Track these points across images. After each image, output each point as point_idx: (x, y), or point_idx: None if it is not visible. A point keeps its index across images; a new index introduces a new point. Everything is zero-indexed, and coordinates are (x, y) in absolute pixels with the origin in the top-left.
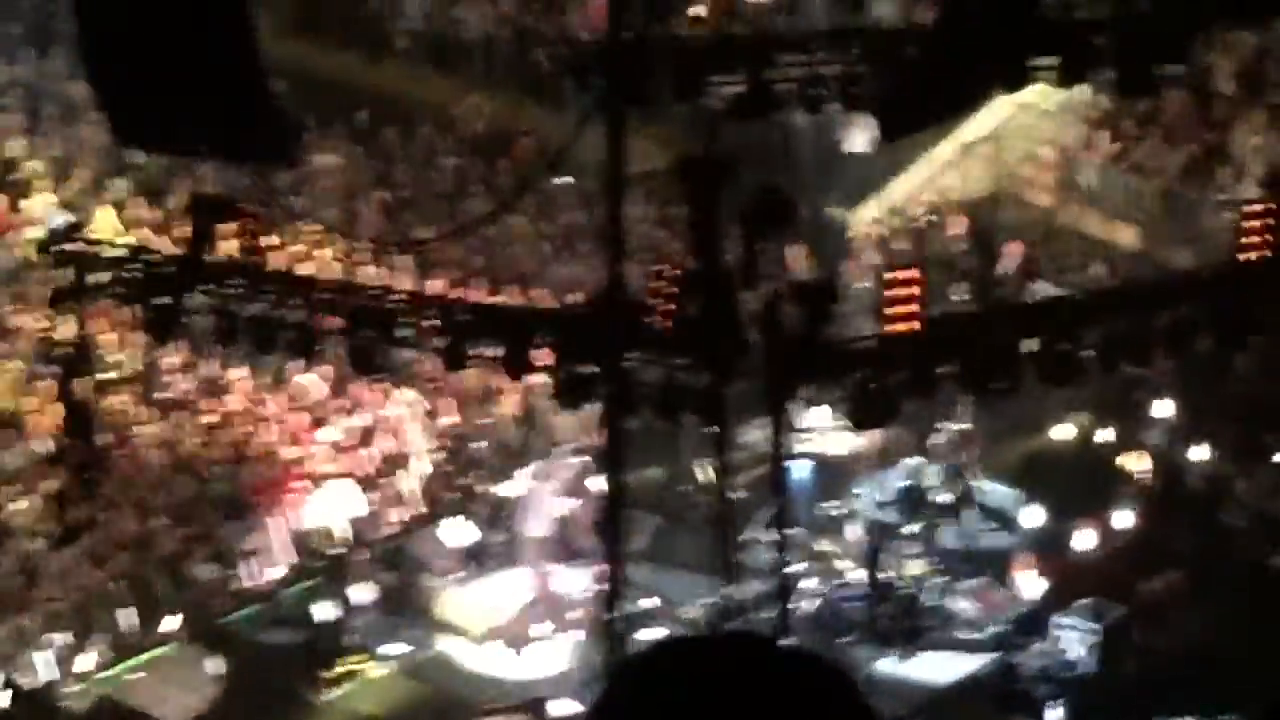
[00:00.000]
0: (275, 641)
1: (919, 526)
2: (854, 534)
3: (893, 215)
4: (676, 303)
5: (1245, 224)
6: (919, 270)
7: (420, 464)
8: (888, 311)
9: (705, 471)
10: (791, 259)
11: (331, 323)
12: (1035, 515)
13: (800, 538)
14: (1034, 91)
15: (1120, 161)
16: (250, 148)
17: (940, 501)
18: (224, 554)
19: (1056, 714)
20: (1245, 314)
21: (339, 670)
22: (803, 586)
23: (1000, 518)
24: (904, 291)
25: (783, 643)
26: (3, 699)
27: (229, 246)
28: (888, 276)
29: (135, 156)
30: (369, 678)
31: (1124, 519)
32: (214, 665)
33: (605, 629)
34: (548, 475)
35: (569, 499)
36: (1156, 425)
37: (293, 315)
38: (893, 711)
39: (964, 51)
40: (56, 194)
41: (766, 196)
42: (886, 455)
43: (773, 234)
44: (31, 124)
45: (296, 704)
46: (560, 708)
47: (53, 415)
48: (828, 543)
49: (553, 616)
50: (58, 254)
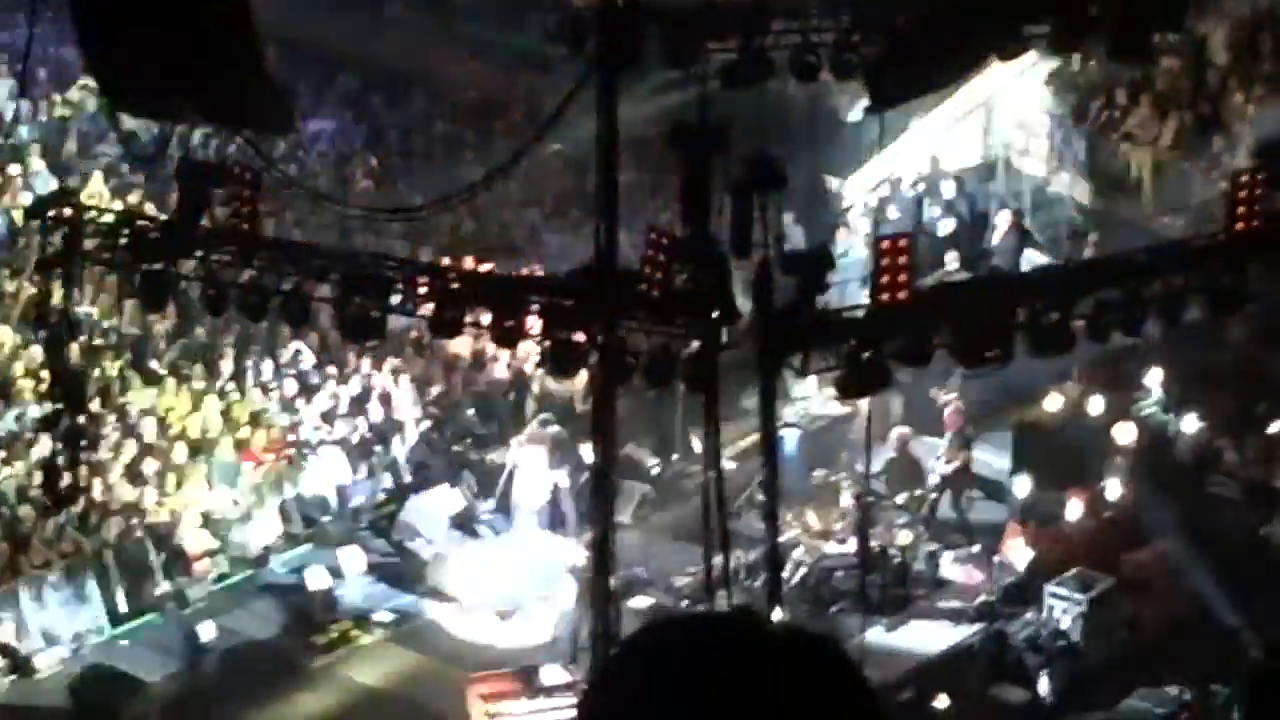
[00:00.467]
0: (267, 607)
1: (909, 496)
2: (845, 503)
3: (885, 184)
4: (667, 271)
5: (1236, 193)
6: (910, 239)
7: (411, 432)
8: (879, 281)
9: (695, 440)
10: (784, 227)
11: (322, 290)
12: (1025, 485)
13: (791, 507)
14: (1027, 59)
15: (1112, 130)
16: (241, 114)
17: (931, 471)
18: (215, 521)
19: (1045, 682)
20: (1236, 284)
21: (330, 636)
22: (793, 556)
23: (991, 487)
24: (895, 260)
25: (774, 616)
26: None
27: (220, 213)
28: (879, 245)
29: (126, 122)
30: (360, 644)
31: (1113, 489)
32: (205, 631)
33: (595, 597)
34: (538, 443)
35: (559, 467)
36: (1147, 395)
37: (284, 282)
38: (883, 680)
39: (956, 19)
40: (46, 159)
41: (758, 164)
42: (878, 425)
43: (764, 202)
44: (22, 88)
45: (288, 670)
46: (550, 675)
47: (42, 382)
48: (818, 512)
49: (542, 584)
50: (47, 220)
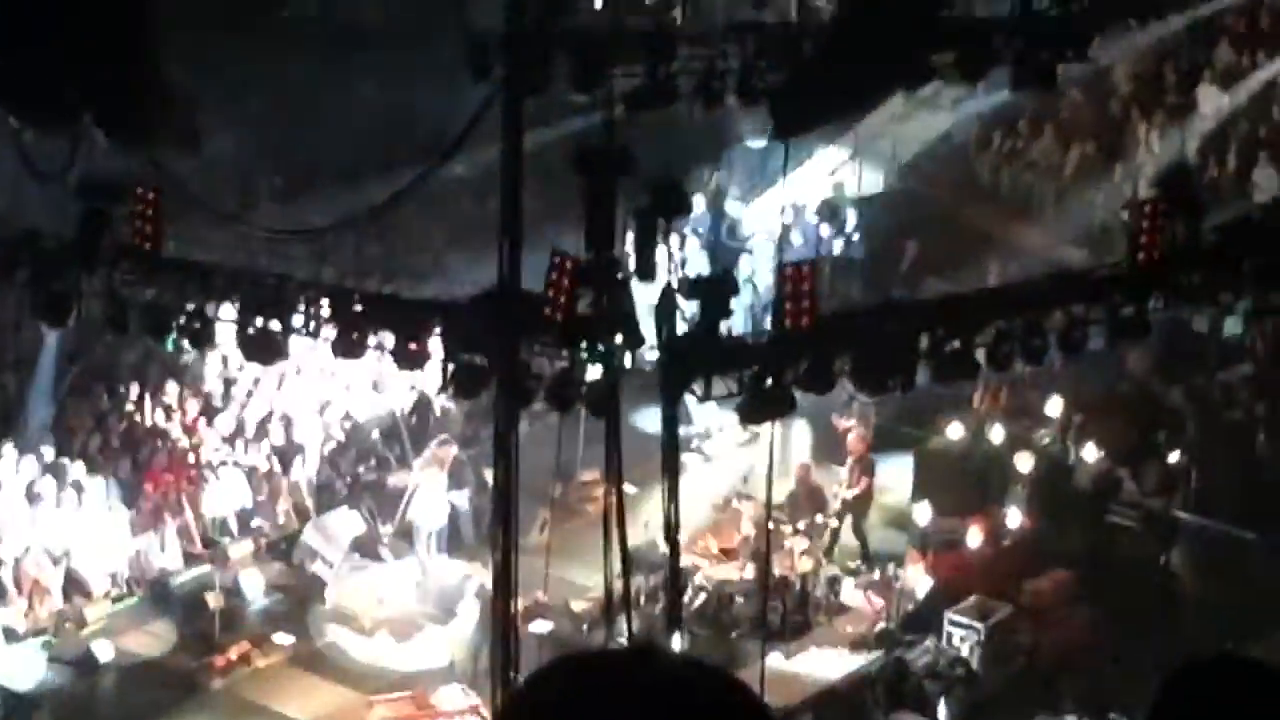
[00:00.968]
0: (166, 628)
1: (809, 523)
2: (746, 529)
3: (789, 210)
4: (570, 295)
5: (1138, 223)
6: (814, 266)
7: (312, 454)
8: (782, 307)
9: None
10: (687, 252)
11: (225, 310)
12: (925, 512)
13: (691, 531)
14: (931, 88)
15: (1016, 159)
16: (145, 131)
17: (835, 496)
18: (113, 542)
19: (944, 710)
20: (1137, 314)
21: (229, 657)
22: (694, 581)
23: (892, 514)
24: (799, 287)
25: (674, 641)
26: None
27: (123, 231)
28: (783, 272)
29: (25, 136)
30: (259, 666)
31: (1013, 517)
32: (102, 651)
33: (494, 621)
34: (437, 465)
35: (457, 489)
36: (1046, 424)
37: (186, 302)
38: (783, 706)
39: (862, 48)
40: None
41: (663, 189)
42: (781, 451)
43: (669, 227)
44: None
45: (186, 691)
46: (448, 698)
47: None
48: (718, 537)
49: (441, 607)
50: None
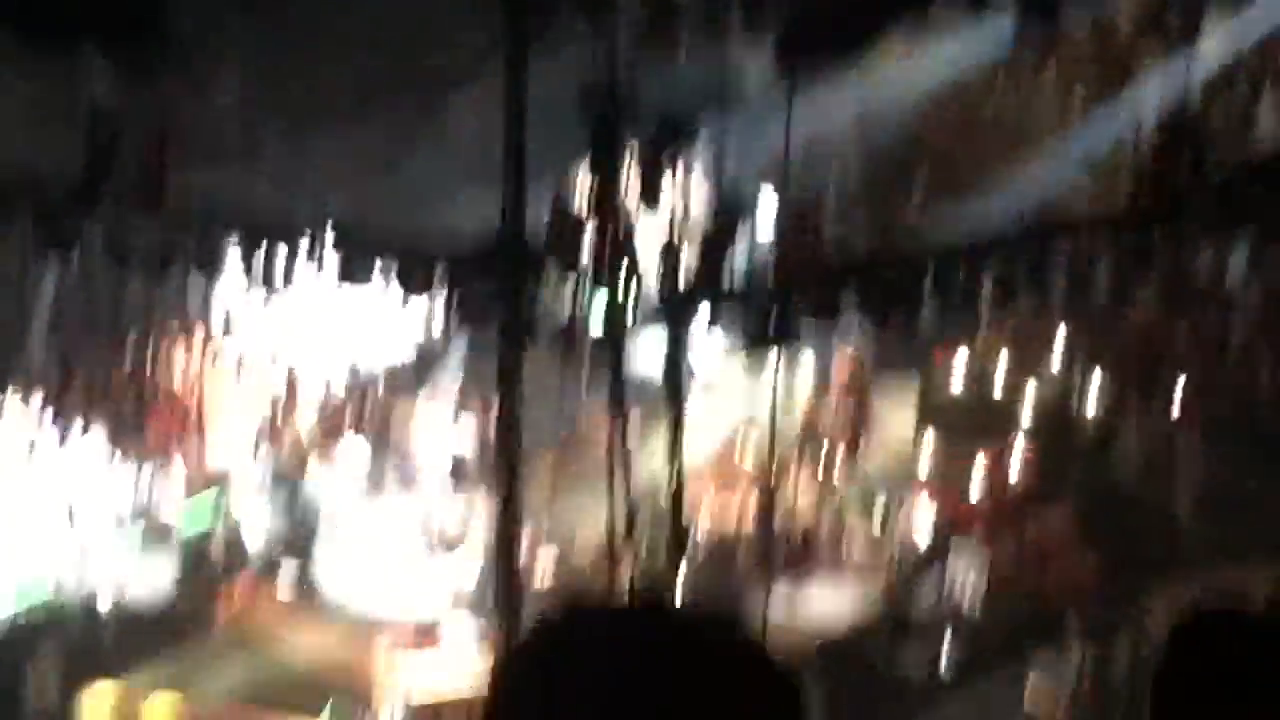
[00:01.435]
0: (167, 567)
1: (814, 456)
2: (750, 462)
3: (795, 150)
4: (574, 230)
5: (1144, 159)
6: (820, 200)
7: (317, 389)
8: (789, 239)
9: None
10: (692, 188)
11: (231, 244)
12: (929, 445)
13: (696, 465)
14: (936, 24)
15: (1020, 95)
16: (149, 62)
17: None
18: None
19: (949, 645)
20: (1142, 249)
21: (233, 595)
22: (697, 515)
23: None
24: (805, 220)
25: (678, 578)
26: None
27: (126, 168)
28: (789, 205)
29: (25, 68)
30: (263, 604)
31: (1019, 450)
32: (104, 591)
33: (499, 556)
34: (442, 402)
35: (463, 426)
36: (1053, 357)
37: (190, 238)
38: (787, 644)
39: None
40: None
41: (668, 123)
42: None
43: (674, 161)
44: None
45: (189, 630)
46: (453, 629)
47: None
48: (722, 472)
49: (446, 542)
50: None
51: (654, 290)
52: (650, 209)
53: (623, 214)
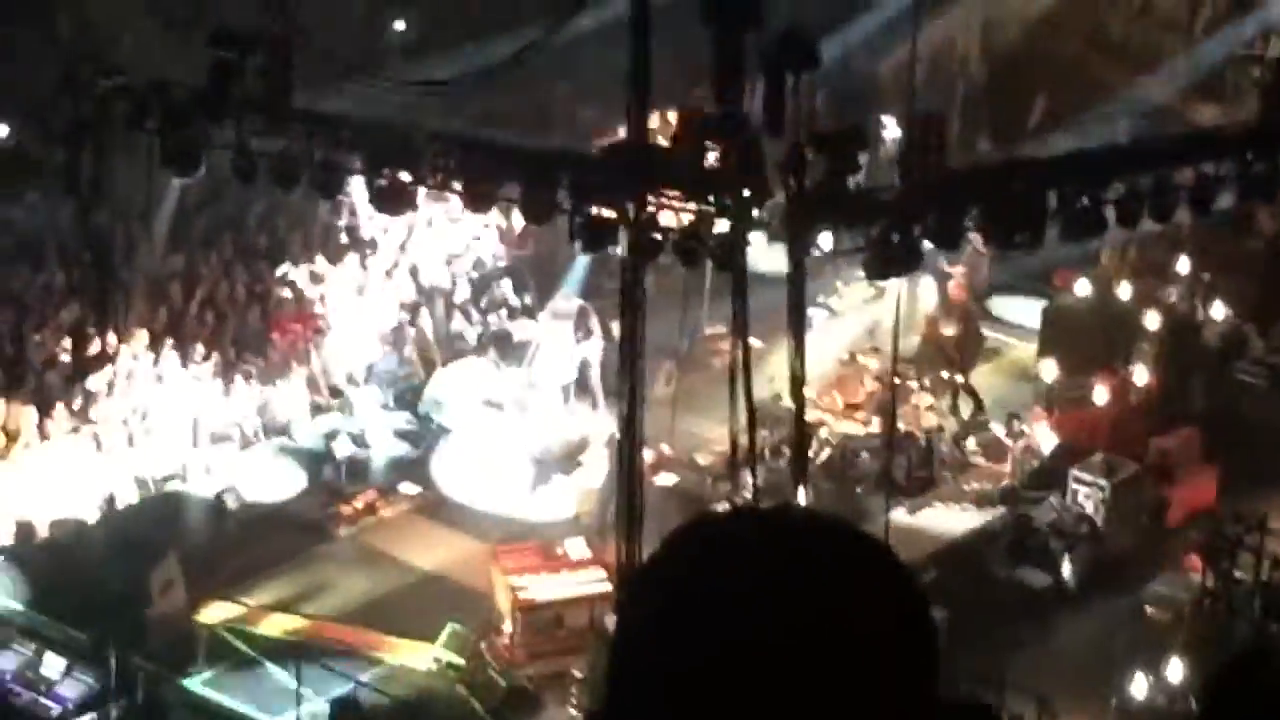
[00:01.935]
0: (291, 477)
1: (935, 378)
2: (871, 384)
3: (920, 64)
4: (699, 147)
5: (1270, 79)
6: (943, 118)
7: (439, 304)
8: (911, 161)
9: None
10: (817, 105)
11: (353, 161)
12: (1051, 369)
13: (817, 385)
14: None
15: (1146, 14)
16: None
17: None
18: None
19: (1068, 567)
20: (1267, 172)
21: (355, 506)
22: (819, 435)
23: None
24: (928, 138)
25: (799, 496)
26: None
27: (252, 82)
28: (912, 121)
29: None
30: (384, 515)
31: (1140, 375)
32: (232, 499)
33: (620, 473)
34: (563, 318)
35: (587, 342)
36: (1175, 281)
37: (314, 153)
38: (906, 560)
39: None
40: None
41: (791, 43)
42: (908, 307)
43: (798, 81)
44: None
45: (312, 539)
46: (574, 549)
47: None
48: (844, 392)
49: (567, 459)
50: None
51: (777, 210)
52: (773, 129)
53: (747, 131)
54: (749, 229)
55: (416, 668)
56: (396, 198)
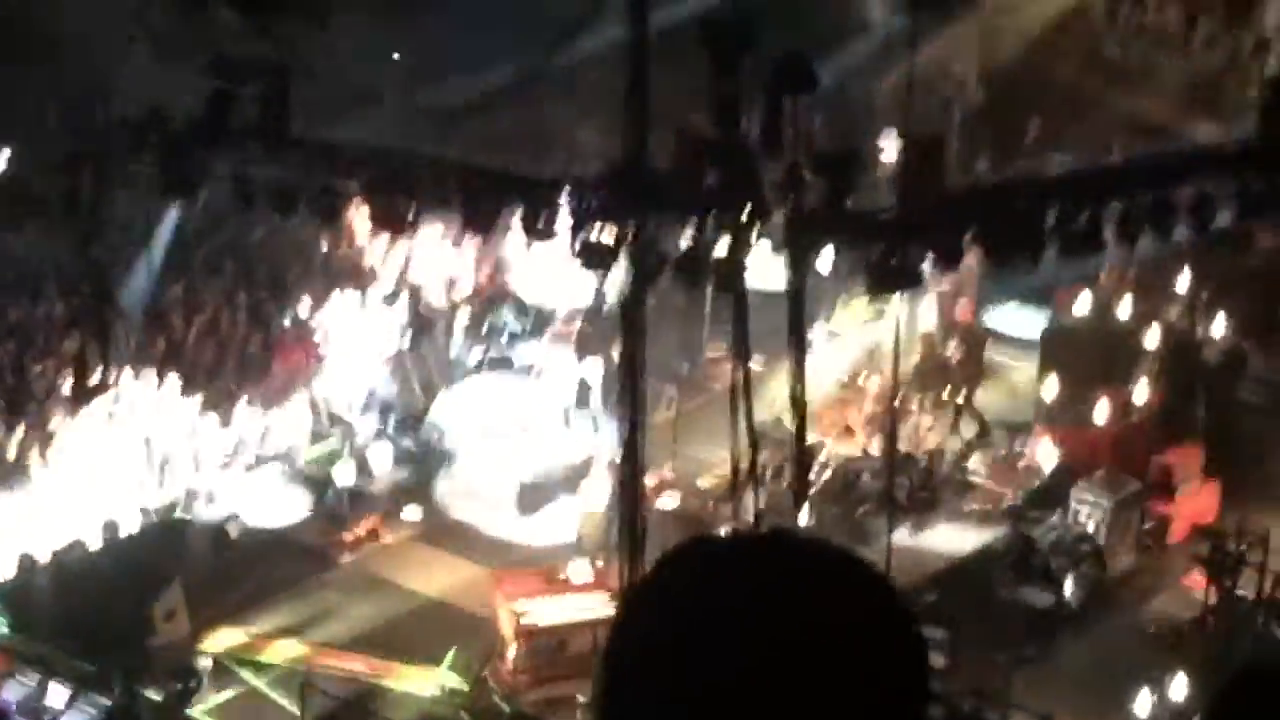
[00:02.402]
0: (293, 503)
1: (935, 397)
2: (872, 404)
3: (916, 85)
4: (698, 169)
5: (1269, 97)
6: (941, 138)
7: (440, 329)
8: (909, 181)
9: (721, 338)
10: (814, 127)
11: (353, 187)
12: (1052, 387)
13: (818, 407)
14: None
15: (1143, 32)
16: (275, 4)
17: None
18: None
19: (1070, 585)
20: (1267, 189)
21: (357, 532)
22: (820, 457)
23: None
24: (925, 159)
25: (800, 517)
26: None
27: (250, 110)
28: (909, 145)
29: (154, 17)
30: (386, 541)
31: (1141, 392)
32: (234, 527)
33: (622, 496)
34: (564, 341)
35: (587, 364)
36: (1175, 299)
37: (313, 180)
38: (908, 582)
39: None
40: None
41: (789, 65)
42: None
43: (795, 103)
44: None
45: (315, 565)
46: (575, 572)
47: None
48: (845, 414)
49: (569, 482)
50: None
51: (776, 230)
52: (772, 151)
53: (745, 153)
54: (748, 251)
55: (420, 694)
56: (395, 222)
